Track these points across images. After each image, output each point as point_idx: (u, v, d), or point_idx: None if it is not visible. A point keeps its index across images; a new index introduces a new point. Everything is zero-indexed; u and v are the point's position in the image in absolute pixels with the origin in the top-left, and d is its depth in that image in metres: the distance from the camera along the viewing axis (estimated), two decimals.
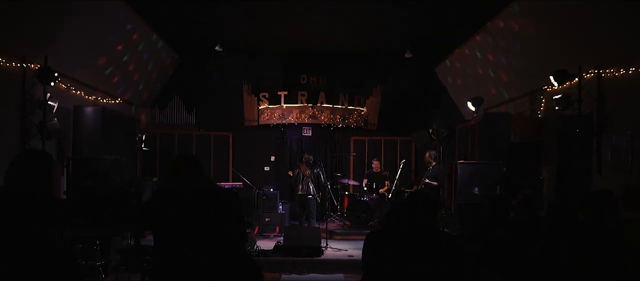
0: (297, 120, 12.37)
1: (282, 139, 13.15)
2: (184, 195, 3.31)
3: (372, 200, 11.74)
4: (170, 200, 3.32)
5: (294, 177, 10.76)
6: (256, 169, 13.06)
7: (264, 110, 12.63)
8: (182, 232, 3.22)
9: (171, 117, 12.80)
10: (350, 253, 9.00)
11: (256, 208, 11.19)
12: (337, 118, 12.46)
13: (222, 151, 13.00)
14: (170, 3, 8.97)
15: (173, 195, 3.34)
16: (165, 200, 3.36)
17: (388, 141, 13.44)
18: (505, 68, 10.13)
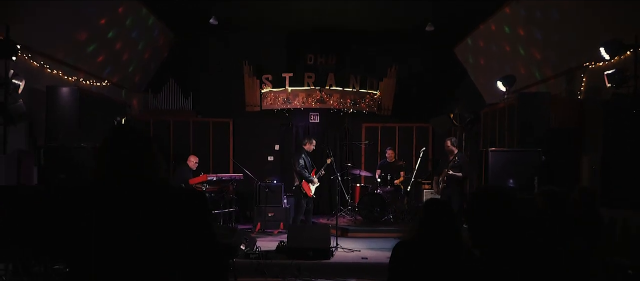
0: (303, 104, 11.22)
1: (287, 126, 12.01)
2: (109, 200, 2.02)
3: (387, 193, 10.62)
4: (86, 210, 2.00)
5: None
6: (259, 159, 12.00)
7: (266, 93, 11.48)
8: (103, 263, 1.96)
9: (166, 102, 11.71)
10: (364, 254, 7.87)
11: (258, 203, 10.08)
12: (348, 102, 11.29)
13: (221, 139, 11.90)
14: None
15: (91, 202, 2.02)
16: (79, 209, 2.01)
17: (403, 128, 12.30)
18: (540, 43, 8.91)
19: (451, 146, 8.79)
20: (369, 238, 9.43)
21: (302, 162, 8.87)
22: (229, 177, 9.67)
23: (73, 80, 8.77)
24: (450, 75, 12.23)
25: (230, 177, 9.71)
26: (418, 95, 12.20)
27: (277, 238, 9.15)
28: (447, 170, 8.55)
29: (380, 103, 11.74)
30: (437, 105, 11.66)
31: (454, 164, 8.50)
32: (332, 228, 9.37)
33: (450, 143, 8.81)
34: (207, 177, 9.01)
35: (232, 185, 9.93)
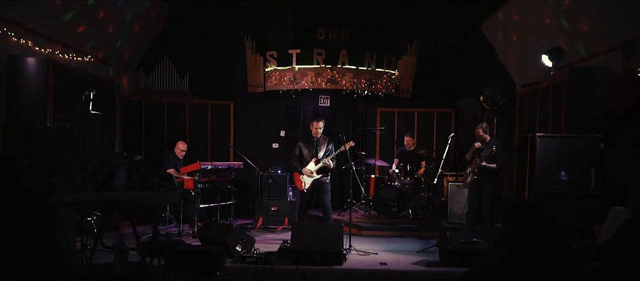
0: (312, 85, 9.98)
1: (294, 110, 10.77)
2: None
3: (406, 185, 9.37)
4: None
5: None
6: (262, 146, 10.84)
7: (271, 72, 10.25)
8: None
9: (160, 81, 10.51)
10: (382, 257, 6.68)
11: (260, 195, 8.88)
12: (362, 83, 10.03)
13: (221, 124, 10.72)
14: None
15: None
16: None
17: (423, 113, 11.02)
18: (590, 13, 7.57)
19: (483, 133, 7.52)
20: (386, 238, 8.22)
21: (297, 150, 7.53)
22: (226, 165, 8.48)
23: (47, 52, 7.58)
24: (476, 55, 10.86)
25: (228, 165, 8.51)
26: (440, 75, 10.86)
27: (281, 236, 7.97)
28: (479, 160, 7.28)
29: (398, 84, 10.46)
30: (461, 88, 10.47)
31: (487, 154, 7.23)
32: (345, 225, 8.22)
33: (482, 130, 7.54)
34: (200, 165, 7.81)
35: (231, 174, 8.73)
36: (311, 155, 7.39)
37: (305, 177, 7.35)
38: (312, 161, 7.33)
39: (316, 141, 7.41)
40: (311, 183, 7.33)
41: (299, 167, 7.39)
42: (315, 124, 7.36)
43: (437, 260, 6.52)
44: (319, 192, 7.31)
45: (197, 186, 7.80)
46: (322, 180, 7.31)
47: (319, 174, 7.29)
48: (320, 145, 7.41)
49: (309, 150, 7.41)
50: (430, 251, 7.06)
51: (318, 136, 7.39)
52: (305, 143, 7.49)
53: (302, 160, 7.43)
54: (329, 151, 7.33)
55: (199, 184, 7.91)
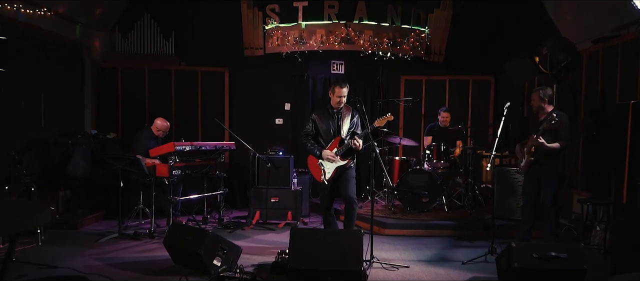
0: (322, 45, 8.11)
1: (301, 77, 8.92)
2: None
3: (438, 170, 7.54)
4: None
5: None
6: (264, 122, 9.10)
7: (272, 31, 8.37)
8: None
9: (140, 44, 8.70)
10: (415, 271, 4.86)
11: (257, 183, 7.10)
12: (385, 42, 8.12)
13: (214, 95, 8.94)
14: None
15: None
16: None
17: (456, 82, 9.15)
18: None
19: (542, 102, 5.63)
20: (416, 238, 6.43)
21: (311, 125, 5.49)
22: (212, 146, 6.66)
23: None
24: (520, 10, 8.85)
25: (216, 146, 6.69)
26: (476, 37, 8.94)
27: (282, 236, 6.23)
28: (535, 136, 5.40)
29: (429, 44, 8.52)
30: (502, 52, 8.57)
31: (549, 129, 5.36)
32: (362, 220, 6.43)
33: (540, 96, 5.64)
34: (175, 145, 6.01)
35: (220, 157, 6.95)
36: (331, 132, 5.39)
37: (325, 162, 5.35)
38: (334, 140, 5.37)
39: (337, 113, 5.40)
40: (333, 171, 5.32)
41: (315, 149, 5.37)
42: (338, 90, 5.30)
43: (494, 277, 4.69)
44: (341, 179, 5.37)
45: (172, 173, 6.01)
46: (347, 167, 5.35)
47: (343, 159, 5.30)
48: (343, 119, 5.40)
49: (328, 126, 5.40)
50: (478, 262, 5.24)
51: (340, 106, 5.39)
52: (321, 116, 5.46)
53: (319, 139, 5.45)
54: (354, 125, 5.43)
55: (176, 170, 6.12)
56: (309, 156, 5.49)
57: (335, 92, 5.33)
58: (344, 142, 5.33)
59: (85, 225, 6.71)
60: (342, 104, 5.37)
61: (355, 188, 5.42)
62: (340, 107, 5.38)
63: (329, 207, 5.47)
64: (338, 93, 5.30)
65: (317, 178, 5.44)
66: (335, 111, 5.41)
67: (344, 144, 5.30)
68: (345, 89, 5.32)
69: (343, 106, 5.39)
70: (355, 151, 5.27)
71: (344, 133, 5.36)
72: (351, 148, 5.25)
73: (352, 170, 5.42)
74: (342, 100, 5.32)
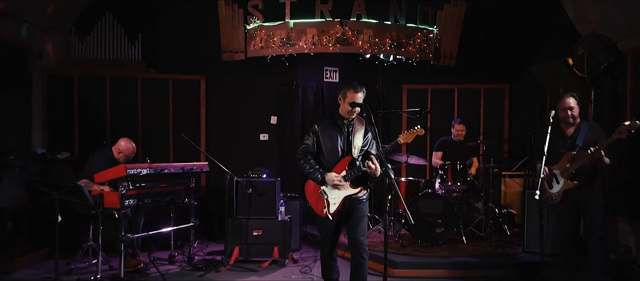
0: (314, 47, 6.92)
1: (289, 86, 7.71)
2: None
3: (453, 192, 6.35)
4: None
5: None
6: (247, 137, 7.93)
7: (255, 31, 7.15)
8: None
9: (101, 48, 7.49)
10: None
11: (235, 212, 5.82)
12: (387, 43, 6.94)
13: (188, 107, 7.77)
14: None
15: None
16: None
17: (466, 91, 8.11)
18: None
19: (573, 111, 4.51)
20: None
21: (312, 140, 4.09)
22: (178, 168, 5.37)
23: None
24: (535, 11, 7.76)
25: (183, 167, 5.40)
26: (489, 41, 7.86)
27: (267, 278, 4.95)
28: (593, 149, 4.24)
29: (438, 46, 7.34)
30: (517, 58, 7.69)
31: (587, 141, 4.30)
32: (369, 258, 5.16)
33: (574, 102, 4.52)
34: (126, 168, 4.69)
35: (191, 181, 5.67)
36: (339, 150, 4.05)
37: (329, 190, 3.99)
38: (343, 161, 4.02)
39: (347, 125, 4.09)
40: (341, 202, 3.97)
41: (316, 172, 3.98)
42: (351, 95, 3.95)
43: None
44: (350, 216, 4.05)
45: (124, 203, 4.71)
46: (358, 196, 4.03)
47: (355, 186, 3.99)
48: (355, 133, 4.08)
49: (335, 142, 4.05)
50: None
51: (352, 117, 4.08)
52: (326, 128, 4.10)
53: (321, 159, 4.09)
54: (368, 142, 4.13)
55: (129, 200, 4.82)
56: (307, 181, 4.13)
57: (347, 96, 3.98)
58: (355, 163, 4.01)
59: (18, 269, 5.36)
60: (354, 114, 4.05)
61: (366, 230, 4.13)
62: (352, 117, 4.08)
63: (331, 251, 4.14)
64: (351, 99, 3.95)
65: (318, 211, 4.03)
66: (346, 123, 4.08)
67: (355, 166, 3.98)
68: (360, 94, 3.98)
69: (354, 118, 4.09)
70: (370, 177, 3.97)
71: (355, 151, 4.04)
72: (365, 173, 3.94)
73: (365, 205, 4.11)
74: (355, 109, 3.99)
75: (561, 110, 4.53)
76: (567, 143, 4.48)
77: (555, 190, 4.46)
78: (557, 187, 4.44)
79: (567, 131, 4.54)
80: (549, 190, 4.50)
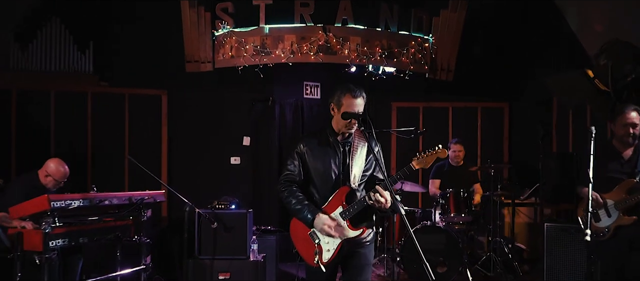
0: (293, 57, 6.05)
1: (265, 102, 6.78)
2: None
3: (454, 225, 5.45)
4: None
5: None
6: (215, 161, 6.95)
7: (224, 37, 6.23)
8: None
9: (45, 58, 6.45)
10: None
11: (197, 251, 4.79)
12: (377, 53, 6.08)
13: (147, 125, 6.77)
14: None
15: None
16: None
17: (461, 110, 7.41)
18: None
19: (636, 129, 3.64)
20: None
21: (295, 163, 3.11)
22: (124, 198, 4.33)
23: None
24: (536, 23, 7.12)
25: (129, 198, 4.36)
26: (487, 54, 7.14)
27: None
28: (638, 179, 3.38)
29: (434, 57, 6.50)
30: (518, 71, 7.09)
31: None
32: None
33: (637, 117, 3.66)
34: (49, 200, 3.63)
35: (143, 214, 4.62)
36: (333, 175, 3.07)
37: (320, 232, 3.01)
38: (338, 193, 3.03)
39: (343, 143, 3.10)
40: (338, 247, 2.99)
41: (304, 210, 3.00)
42: (348, 100, 2.99)
43: None
44: (350, 264, 3.10)
45: (48, 244, 3.64)
46: (360, 239, 3.06)
47: (355, 226, 3.01)
48: (353, 153, 3.08)
49: (327, 165, 3.08)
50: None
51: (350, 131, 3.09)
52: (315, 147, 3.12)
53: (311, 190, 3.13)
54: (370, 165, 3.15)
55: (57, 240, 3.75)
56: (292, 220, 3.15)
57: (341, 104, 3.01)
58: (355, 194, 3.05)
59: None
60: (353, 128, 3.08)
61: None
62: (350, 132, 3.11)
63: None
64: (348, 106, 2.99)
65: (308, 259, 3.04)
66: (341, 141, 3.11)
67: (355, 199, 3.02)
68: (360, 100, 3.02)
69: (354, 131, 3.12)
70: (377, 212, 3.03)
71: (355, 179, 3.07)
72: (368, 208, 2.99)
73: (370, 250, 3.13)
74: (353, 122, 3.01)
75: (621, 127, 3.67)
76: (624, 167, 3.62)
77: (604, 224, 3.59)
78: (608, 220, 3.57)
79: (625, 153, 3.69)
80: (595, 223, 3.61)
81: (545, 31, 7.06)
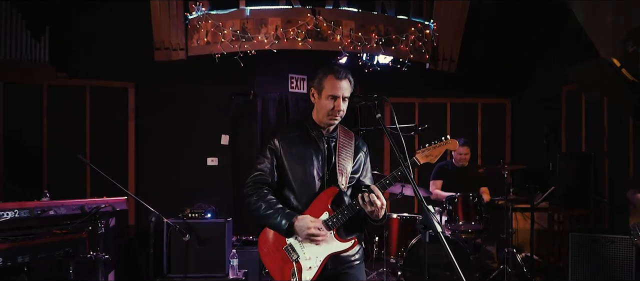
0: (277, 43, 5.38)
1: (246, 97, 6.13)
2: None
3: (462, 234, 4.83)
4: None
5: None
6: (189, 162, 6.27)
7: (199, 21, 5.51)
8: None
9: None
10: None
11: (167, 269, 4.06)
12: (373, 39, 5.43)
13: (111, 122, 6.07)
14: None
15: None
16: None
17: (459, 106, 6.95)
18: None
19: None
20: None
21: (267, 161, 2.50)
22: (75, 207, 3.58)
23: None
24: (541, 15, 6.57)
25: (83, 206, 3.62)
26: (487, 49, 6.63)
27: None
28: None
29: (436, 45, 5.86)
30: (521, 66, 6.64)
31: None
32: None
33: None
34: None
35: (100, 225, 3.87)
36: (315, 176, 2.48)
37: (300, 244, 2.41)
38: (323, 194, 2.44)
39: (327, 138, 2.51)
40: (322, 264, 2.38)
41: (277, 215, 2.40)
42: (332, 83, 2.42)
43: None
44: None
45: None
46: (348, 256, 2.47)
47: (343, 238, 2.42)
48: (339, 150, 2.49)
49: (308, 164, 2.48)
50: None
51: (334, 122, 2.49)
52: (293, 143, 2.52)
53: (286, 194, 2.51)
54: (360, 166, 2.55)
55: None
56: (263, 230, 2.50)
57: (323, 87, 2.44)
58: (343, 198, 2.45)
59: None
60: (338, 118, 2.46)
61: None
62: (334, 123, 2.49)
63: None
64: (332, 91, 2.41)
65: (272, 272, 2.47)
66: (325, 135, 2.51)
67: (343, 204, 2.42)
68: (345, 83, 2.44)
69: (338, 125, 2.54)
70: (369, 221, 2.40)
71: (343, 179, 2.46)
72: (359, 214, 2.38)
73: (361, 270, 2.54)
74: (339, 110, 2.43)
75: None
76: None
77: None
78: None
79: None
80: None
81: (550, 23, 6.53)
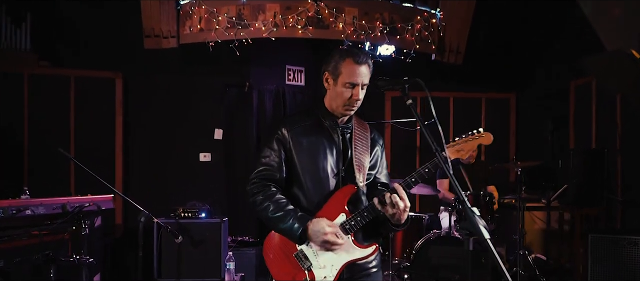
0: (276, 32, 5.08)
1: (241, 88, 5.85)
2: None
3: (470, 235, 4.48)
4: None
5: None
6: (181, 158, 5.95)
7: (192, 6, 5.19)
8: None
9: None
10: None
11: (157, 274, 3.75)
12: (377, 28, 5.16)
13: (97, 115, 5.69)
14: None
15: None
16: None
17: (462, 100, 6.74)
18: None
19: None
20: None
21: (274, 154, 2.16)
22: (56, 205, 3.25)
23: None
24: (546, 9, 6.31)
25: (64, 205, 3.29)
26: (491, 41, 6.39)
27: None
28: None
29: (442, 35, 5.60)
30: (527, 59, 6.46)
31: None
32: None
33: None
34: None
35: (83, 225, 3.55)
36: (329, 172, 2.16)
37: (315, 252, 2.09)
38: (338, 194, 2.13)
39: (342, 128, 2.21)
40: (338, 273, 2.08)
41: (288, 217, 2.08)
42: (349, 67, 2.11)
43: None
44: None
45: None
46: (366, 262, 2.15)
47: (363, 243, 2.12)
48: (355, 142, 2.18)
49: (320, 158, 2.15)
50: None
51: (352, 112, 2.20)
52: (304, 133, 2.18)
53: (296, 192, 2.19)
54: (377, 162, 2.26)
55: None
56: (268, 235, 2.20)
57: (340, 73, 2.14)
58: (361, 198, 2.17)
59: None
60: (355, 108, 2.18)
61: None
62: (350, 114, 2.21)
63: None
64: (350, 78, 2.12)
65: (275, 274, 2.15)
66: (340, 124, 2.22)
67: (361, 204, 2.15)
68: (364, 69, 2.14)
69: (353, 117, 2.26)
70: (390, 225, 2.12)
71: (360, 177, 2.16)
72: (379, 216, 2.10)
73: (378, 276, 2.24)
74: (357, 99, 2.16)
75: None
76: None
77: None
78: None
79: None
80: None
81: (555, 16, 6.30)
